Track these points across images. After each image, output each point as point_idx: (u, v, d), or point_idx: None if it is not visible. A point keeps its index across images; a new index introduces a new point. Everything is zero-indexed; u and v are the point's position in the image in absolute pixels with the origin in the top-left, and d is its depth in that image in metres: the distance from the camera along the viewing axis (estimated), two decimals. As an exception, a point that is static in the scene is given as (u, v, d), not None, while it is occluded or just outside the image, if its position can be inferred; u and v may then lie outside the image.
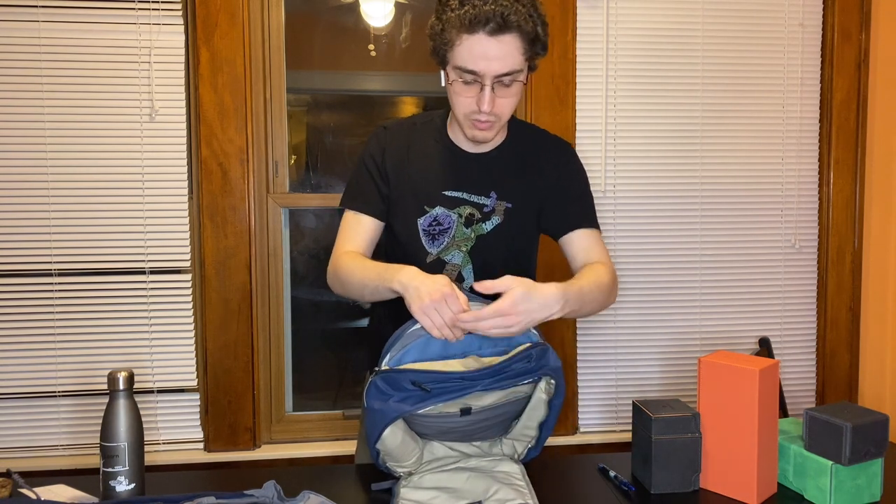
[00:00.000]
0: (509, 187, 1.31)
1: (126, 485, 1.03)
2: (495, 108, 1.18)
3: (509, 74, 1.15)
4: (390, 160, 1.32)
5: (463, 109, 1.21)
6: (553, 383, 1.10)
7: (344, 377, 2.30)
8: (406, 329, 1.09)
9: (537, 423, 1.15)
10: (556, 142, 1.38)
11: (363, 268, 1.22)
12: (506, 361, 1.06)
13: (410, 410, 1.03)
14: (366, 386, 1.08)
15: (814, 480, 1.07)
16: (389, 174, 1.31)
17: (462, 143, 1.33)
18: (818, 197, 2.23)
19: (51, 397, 1.96)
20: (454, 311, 1.04)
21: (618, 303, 2.15)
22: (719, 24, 2.15)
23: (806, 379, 2.26)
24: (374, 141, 1.34)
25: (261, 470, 1.22)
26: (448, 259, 1.30)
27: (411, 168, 1.32)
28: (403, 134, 1.34)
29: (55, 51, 1.91)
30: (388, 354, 1.08)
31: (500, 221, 1.30)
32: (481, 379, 1.05)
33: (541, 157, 1.34)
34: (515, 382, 1.06)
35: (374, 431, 1.06)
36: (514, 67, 1.15)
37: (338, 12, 2.22)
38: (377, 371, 1.07)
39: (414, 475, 1.13)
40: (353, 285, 1.23)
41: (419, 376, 1.04)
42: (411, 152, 1.33)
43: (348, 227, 1.33)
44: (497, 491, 1.06)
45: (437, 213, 1.29)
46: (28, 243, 1.93)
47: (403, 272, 1.11)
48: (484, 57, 1.13)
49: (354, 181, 1.35)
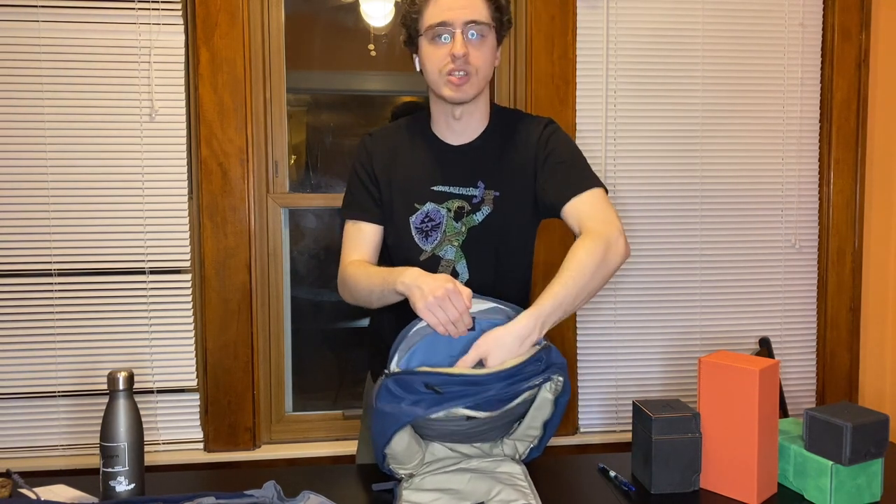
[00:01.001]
0: (495, 175, 1.31)
1: (126, 485, 1.03)
2: (469, 59, 1.21)
3: (477, 23, 1.21)
4: (378, 164, 1.34)
5: (437, 66, 1.24)
6: (560, 381, 1.10)
7: (344, 377, 2.30)
8: (411, 328, 1.09)
9: (542, 423, 1.15)
10: (535, 120, 1.37)
11: (368, 275, 1.24)
12: (520, 365, 1.05)
13: (424, 415, 1.01)
14: (376, 388, 1.07)
15: (814, 480, 1.07)
16: (379, 178, 1.33)
17: (446, 136, 1.33)
18: (818, 197, 2.23)
19: (50, 397, 1.96)
20: (458, 308, 1.06)
21: (618, 303, 2.15)
22: (719, 24, 2.15)
23: (806, 379, 2.26)
24: (362, 149, 1.37)
25: (261, 470, 1.22)
26: (442, 255, 1.30)
27: (399, 168, 1.33)
28: (389, 137, 1.37)
29: (55, 51, 1.91)
30: (397, 356, 1.08)
31: (490, 211, 1.30)
32: (495, 382, 1.04)
33: (521, 138, 1.33)
34: (527, 385, 1.05)
35: (384, 435, 1.05)
36: (481, 18, 1.22)
37: (338, 12, 2.22)
38: (387, 373, 1.06)
39: (415, 477, 1.13)
40: (360, 293, 1.26)
41: (432, 378, 1.03)
42: (398, 154, 1.34)
43: (350, 237, 1.35)
44: (500, 492, 1.06)
45: (428, 210, 1.30)
46: (28, 243, 1.93)
47: (406, 273, 1.12)
48: (450, 7, 1.21)
49: (349, 191, 1.37)
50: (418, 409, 1.02)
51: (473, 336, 1.09)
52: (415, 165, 1.33)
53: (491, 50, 1.25)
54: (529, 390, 1.06)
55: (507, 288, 1.31)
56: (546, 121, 1.35)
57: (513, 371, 1.05)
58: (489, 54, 1.25)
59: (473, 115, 1.32)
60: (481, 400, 1.03)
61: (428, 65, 1.25)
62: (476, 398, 1.02)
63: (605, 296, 2.15)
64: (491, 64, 1.27)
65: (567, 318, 2.09)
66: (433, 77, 1.25)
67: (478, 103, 1.31)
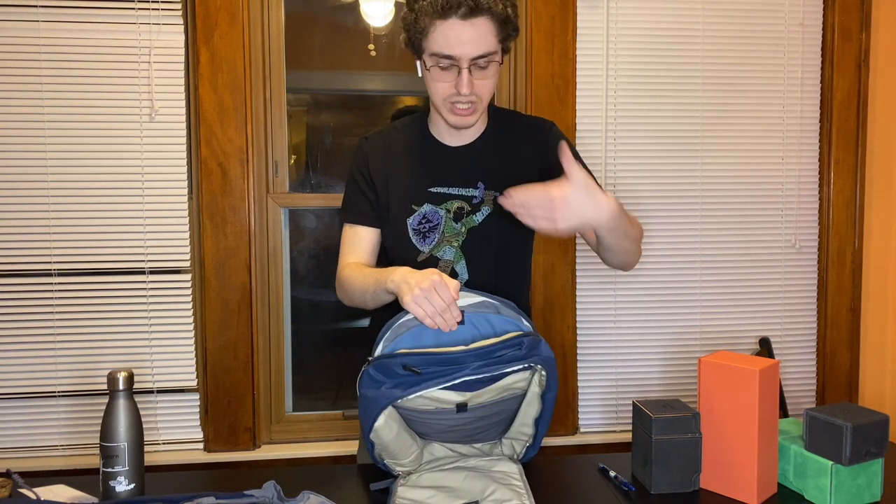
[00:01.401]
0: (495, 176, 1.32)
1: (126, 485, 1.03)
2: (474, 90, 1.20)
3: (484, 56, 1.18)
4: (374, 167, 1.34)
5: (442, 95, 1.22)
6: (545, 375, 1.09)
7: (344, 377, 2.30)
8: (397, 320, 1.09)
9: (533, 420, 1.15)
10: (536, 122, 1.37)
11: (362, 276, 1.25)
12: (496, 344, 1.06)
13: (402, 395, 1.03)
14: (360, 376, 1.08)
15: (814, 480, 1.07)
16: (376, 181, 1.34)
17: (444, 138, 1.34)
18: (818, 197, 2.23)
19: (50, 397, 1.96)
20: (445, 299, 1.05)
21: (618, 303, 2.15)
22: (719, 24, 2.15)
23: (806, 379, 2.26)
24: (358, 152, 1.37)
25: (261, 470, 1.22)
26: (440, 255, 1.30)
27: (396, 170, 1.33)
28: (384, 140, 1.37)
29: (55, 51, 1.91)
30: (381, 344, 1.09)
31: (490, 212, 1.30)
32: (471, 361, 1.04)
33: (522, 141, 1.34)
34: (506, 369, 1.05)
35: (367, 420, 1.06)
36: (488, 49, 1.18)
37: (338, 12, 2.22)
38: (369, 360, 1.08)
39: (412, 474, 1.13)
40: (356, 294, 1.27)
41: (409, 359, 1.04)
42: (394, 156, 1.35)
43: (347, 240, 1.36)
44: (494, 491, 1.06)
45: (426, 211, 1.30)
46: (28, 243, 1.93)
47: (396, 272, 1.13)
48: (458, 41, 1.16)
49: (346, 195, 1.38)
50: (397, 391, 1.03)
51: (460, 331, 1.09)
52: (412, 167, 1.33)
53: (496, 74, 1.23)
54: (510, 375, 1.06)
55: (507, 287, 1.31)
56: (546, 124, 1.36)
57: (489, 350, 1.05)
58: (494, 80, 1.24)
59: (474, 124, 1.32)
60: (458, 380, 1.03)
61: (432, 86, 1.24)
62: (453, 377, 1.03)
63: (606, 296, 2.15)
64: (495, 85, 1.25)
65: (567, 318, 2.10)
66: (436, 100, 1.24)
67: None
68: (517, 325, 1.11)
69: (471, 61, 1.17)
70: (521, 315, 1.11)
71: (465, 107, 1.22)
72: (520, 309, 1.12)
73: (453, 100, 1.21)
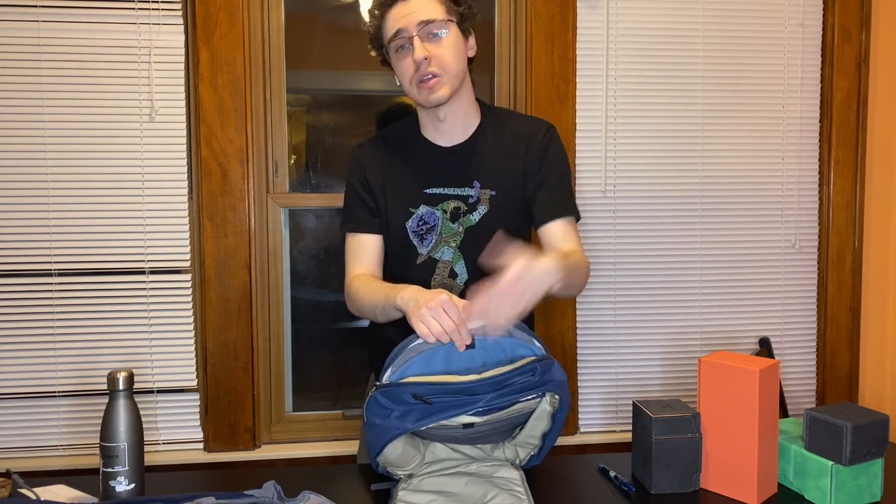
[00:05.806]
0: (491, 174, 1.32)
1: (126, 485, 1.03)
2: (433, 58, 1.22)
3: (431, 22, 1.22)
4: (370, 174, 1.34)
5: (407, 76, 1.25)
6: (557, 399, 1.08)
7: (344, 377, 2.29)
8: (408, 343, 1.07)
9: (540, 433, 1.15)
10: (535, 123, 1.37)
11: (371, 291, 1.24)
12: (509, 372, 1.03)
13: (412, 428, 1.01)
14: (366, 400, 1.06)
15: (814, 480, 1.07)
16: (374, 187, 1.34)
17: (436, 139, 1.34)
18: (818, 197, 2.23)
19: (50, 397, 1.96)
20: (453, 318, 1.03)
21: (618, 303, 2.15)
22: (719, 24, 2.15)
23: (806, 379, 2.26)
24: (353, 161, 1.38)
25: (261, 470, 1.22)
26: (438, 257, 1.30)
27: (391, 175, 1.34)
28: (378, 145, 1.38)
29: (55, 51, 1.91)
30: (390, 369, 1.06)
31: (487, 210, 1.30)
32: (484, 392, 1.01)
33: (520, 139, 1.34)
34: (519, 398, 1.03)
35: (375, 446, 1.04)
36: (434, 16, 1.22)
37: (338, 12, 2.22)
38: (377, 385, 1.05)
39: (414, 478, 1.13)
40: (366, 308, 1.26)
41: (420, 388, 1.01)
42: (388, 160, 1.35)
43: (351, 250, 1.36)
44: (495, 496, 1.06)
45: (423, 213, 1.30)
46: (28, 243, 1.93)
47: (405, 290, 1.12)
48: (403, 15, 1.24)
49: (346, 206, 1.38)
50: (407, 422, 1.00)
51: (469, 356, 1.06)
52: (406, 170, 1.33)
53: (456, 44, 1.25)
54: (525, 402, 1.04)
55: None
56: (548, 125, 1.36)
57: (503, 379, 1.03)
58: (455, 49, 1.25)
59: (457, 113, 1.32)
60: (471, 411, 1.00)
61: (399, 77, 1.28)
62: (465, 409, 1.00)
63: (605, 296, 2.15)
64: (461, 59, 1.27)
65: (567, 318, 2.10)
66: (407, 87, 1.27)
67: (460, 101, 1.31)
68: (530, 348, 1.09)
69: (418, 28, 1.21)
70: (532, 336, 1.09)
71: (430, 78, 1.23)
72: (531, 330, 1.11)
73: (417, 76, 1.23)
